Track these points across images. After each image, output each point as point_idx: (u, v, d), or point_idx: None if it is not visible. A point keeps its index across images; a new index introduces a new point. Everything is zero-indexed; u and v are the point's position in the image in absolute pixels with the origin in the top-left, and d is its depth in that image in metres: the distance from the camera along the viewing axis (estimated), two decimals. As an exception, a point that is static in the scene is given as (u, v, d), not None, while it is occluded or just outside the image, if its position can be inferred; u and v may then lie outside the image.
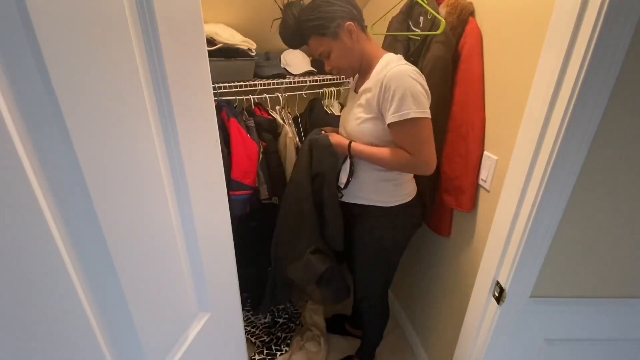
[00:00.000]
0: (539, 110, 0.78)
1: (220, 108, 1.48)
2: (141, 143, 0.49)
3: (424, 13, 1.22)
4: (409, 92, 0.98)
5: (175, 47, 0.53)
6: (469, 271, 1.22)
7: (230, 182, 1.43)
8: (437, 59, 1.12)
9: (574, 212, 0.83)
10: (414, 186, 1.26)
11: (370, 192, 1.21)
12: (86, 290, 0.44)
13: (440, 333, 1.48)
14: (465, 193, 1.16)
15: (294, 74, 1.73)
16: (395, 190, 1.20)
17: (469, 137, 1.12)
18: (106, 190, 0.44)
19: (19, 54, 0.34)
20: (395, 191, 1.21)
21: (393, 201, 1.21)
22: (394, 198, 1.21)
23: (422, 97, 1.00)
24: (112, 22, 0.43)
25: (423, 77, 1.05)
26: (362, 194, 1.22)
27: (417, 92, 0.99)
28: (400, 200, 1.21)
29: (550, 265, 0.90)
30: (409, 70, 1.01)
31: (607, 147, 0.77)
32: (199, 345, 0.69)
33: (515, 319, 0.97)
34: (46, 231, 0.37)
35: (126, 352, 0.52)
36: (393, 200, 1.21)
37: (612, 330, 0.99)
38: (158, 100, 0.52)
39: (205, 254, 0.68)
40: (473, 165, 1.13)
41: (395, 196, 1.21)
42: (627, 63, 0.68)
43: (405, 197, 1.22)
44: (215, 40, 1.39)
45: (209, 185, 0.69)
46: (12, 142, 0.33)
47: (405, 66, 1.02)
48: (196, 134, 0.62)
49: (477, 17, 1.10)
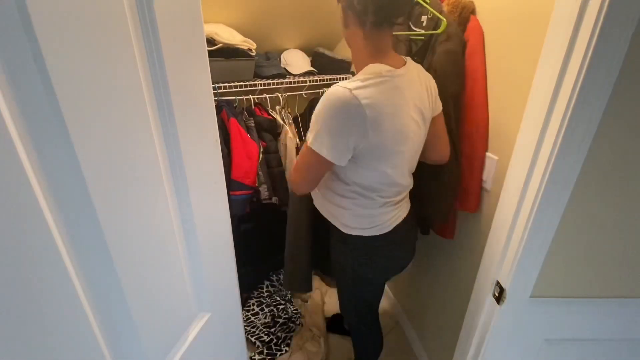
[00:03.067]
0: (539, 110, 0.78)
1: (220, 108, 1.48)
2: (141, 143, 0.49)
3: (426, 12, 1.22)
4: (325, 119, 0.86)
5: (175, 47, 0.53)
6: (470, 271, 1.22)
7: (230, 182, 1.43)
8: (448, 54, 1.09)
9: (574, 212, 0.83)
10: (386, 218, 1.03)
11: (327, 205, 1.07)
12: (86, 290, 0.44)
13: (440, 333, 1.48)
14: (470, 194, 1.15)
15: (294, 74, 1.73)
16: (350, 216, 1.01)
17: (474, 137, 1.11)
18: (106, 190, 0.44)
19: (19, 54, 0.34)
20: (350, 218, 1.01)
21: (349, 228, 1.03)
22: (350, 224, 1.02)
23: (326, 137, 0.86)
24: (112, 22, 0.43)
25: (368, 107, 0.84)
26: (320, 206, 1.09)
27: (329, 122, 0.86)
28: (360, 231, 1.02)
29: (550, 265, 0.90)
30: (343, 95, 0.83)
31: (607, 146, 0.77)
32: (199, 345, 0.69)
33: (515, 319, 0.97)
34: (46, 231, 0.37)
35: (126, 352, 0.52)
36: (348, 227, 1.03)
37: (612, 330, 0.99)
38: (158, 100, 0.52)
39: (205, 254, 0.68)
40: (478, 165, 1.11)
41: (351, 222, 1.02)
42: (627, 62, 0.68)
43: (367, 229, 1.02)
44: (215, 40, 1.39)
45: (209, 185, 0.68)
46: (12, 142, 0.33)
47: (352, 85, 0.84)
48: (196, 134, 0.62)
49: (479, 16, 1.10)
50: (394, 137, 0.91)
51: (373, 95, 0.84)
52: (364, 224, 1.03)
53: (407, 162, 1.01)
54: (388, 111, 0.87)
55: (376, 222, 1.03)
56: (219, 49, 1.40)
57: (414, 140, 0.98)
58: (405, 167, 1.01)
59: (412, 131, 0.95)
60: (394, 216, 1.05)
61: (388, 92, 0.88)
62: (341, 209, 1.03)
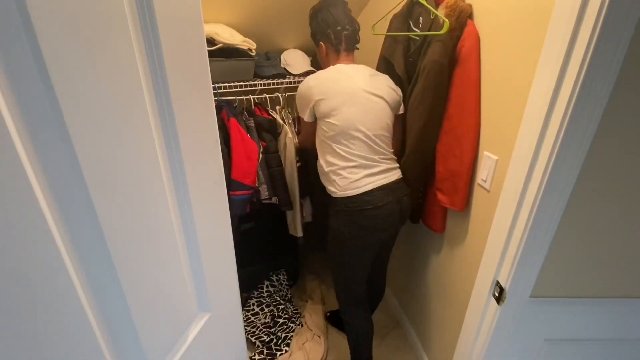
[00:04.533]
0: (539, 110, 0.78)
1: (220, 108, 1.48)
2: (141, 143, 0.49)
3: (425, 13, 1.22)
4: (300, 97, 1.30)
5: (175, 47, 0.53)
6: (469, 271, 1.22)
7: (230, 182, 1.43)
8: (433, 63, 1.13)
9: (574, 212, 0.83)
10: (356, 180, 1.23)
11: (321, 175, 1.35)
12: (86, 290, 0.44)
13: (440, 333, 1.48)
14: (458, 193, 1.18)
15: (294, 74, 1.73)
16: (333, 181, 1.27)
17: (464, 139, 1.13)
18: (106, 190, 0.44)
19: (19, 54, 0.34)
20: (334, 181, 1.27)
21: (332, 191, 1.30)
22: (331, 188, 1.29)
23: (300, 101, 1.29)
24: (112, 22, 0.43)
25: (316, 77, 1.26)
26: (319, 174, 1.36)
27: (299, 97, 1.30)
28: (339, 192, 1.26)
29: (550, 265, 0.90)
30: (305, 82, 1.27)
31: (607, 146, 0.77)
32: (199, 345, 0.69)
33: (515, 319, 0.97)
34: (46, 231, 0.37)
35: (126, 352, 0.52)
36: (331, 190, 1.29)
37: (612, 330, 0.99)
38: (158, 100, 0.52)
39: (205, 254, 0.68)
40: (467, 166, 1.14)
41: (333, 187, 1.28)
42: (627, 63, 0.68)
43: (344, 189, 1.24)
44: (215, 40, 1.39)
45: (209, 185, 0.69)
46: (12, 142, 0.33)
47: (313, 76, 1.27)
48: (196, 134, 0.62)
49: (476, 20, 1.10)
50: (341, 96, 1.23)
51: (319, 76, 1.26)
52: (339, 184, 1.26)
53: (364, 116, 1.23)
54: (331, 81, 1.25)
55: (346, 182, 1.25)
56: (219, 49, 1.41)
57: (365, 103, 1.24)
58: (364, 120, 1.23)
59: (363, 96, 1.23)
60: (371, 181, 1.24)
61: (332, 72, 1.27)
62: (332, 176, 1.28)
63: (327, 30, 1.30)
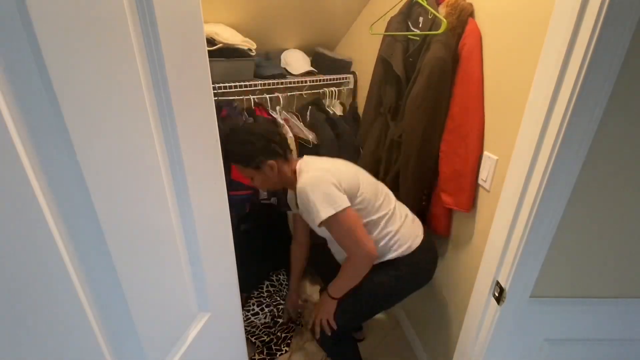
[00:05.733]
0: (539, 110, 0.78)
1: (220, 108, 1.48)
2: (141, 143, 0.49)
3: (424, 13, 1.22)
4: (319, 194, 1.08)
5: (175, 48, 0.53)
6: (469, 271, 1.22)
7: (231, 182, 1.43)
8: (436, 60, 1.12)
9: (574, 212, 0.83)
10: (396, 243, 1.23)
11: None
12: (86, 290, 0.44)
13: (440, 333, 1.48)
14: (463, 193, 1.16)
15: (294, 74, 1.73)
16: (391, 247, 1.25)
17: (469, 138, 1.12)
18: (106, 190, 0.44)
19: (19, 55, 0.34)
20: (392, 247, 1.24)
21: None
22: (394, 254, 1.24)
23: (332, 195, 1.08)
24: (112, 22, 0.43)
25: (330, 172, 1.14)
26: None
27: (324, 192, 1.08)
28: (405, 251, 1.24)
29: (550, 265, 0.90)
30: (313, 177, 1.12)
31: (607, 146, 0.77)
32: (199, 345, 0.69)
33: (515, 319, 0.97)
34: (46, 231, 0.37)
35: (126, 352, 0.52)
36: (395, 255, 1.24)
37: (612, 330, 0.99)
38: (158, 100, 0.52)
39: (205, 254, 0.68)
40: (472, 166, 1.13)
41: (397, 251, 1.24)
42: (627, 62, 0.68)
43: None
44: (215, 40, 1.39)
45: (209, 185, 0.69)
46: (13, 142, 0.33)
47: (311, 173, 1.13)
48: (196, 134, 0.62)
49: (477, 18, 1.10)
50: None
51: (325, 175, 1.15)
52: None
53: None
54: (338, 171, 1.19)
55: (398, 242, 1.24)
56: (219, 49, 1.41)
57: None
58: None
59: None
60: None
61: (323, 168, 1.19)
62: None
63: (270, 146, 1.18)
